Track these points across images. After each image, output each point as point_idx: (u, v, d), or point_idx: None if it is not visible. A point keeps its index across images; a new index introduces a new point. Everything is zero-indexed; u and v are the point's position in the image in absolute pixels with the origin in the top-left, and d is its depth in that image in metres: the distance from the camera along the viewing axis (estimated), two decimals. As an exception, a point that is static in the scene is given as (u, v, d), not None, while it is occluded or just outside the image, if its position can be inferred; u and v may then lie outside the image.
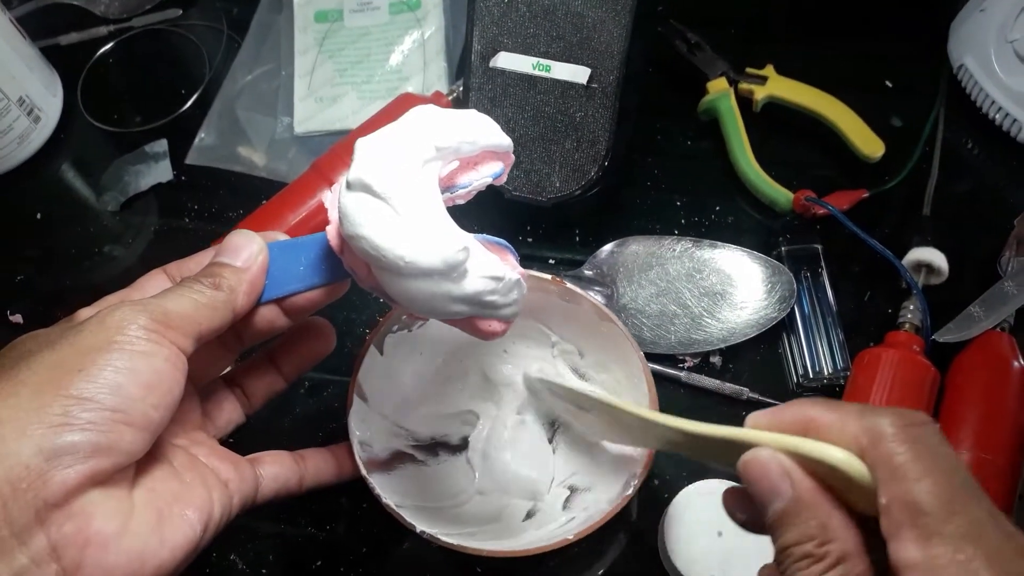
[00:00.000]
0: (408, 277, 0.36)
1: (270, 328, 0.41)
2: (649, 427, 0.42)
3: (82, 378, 0.32)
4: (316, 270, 0.40)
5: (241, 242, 0.39)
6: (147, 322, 0.34)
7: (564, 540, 0.45)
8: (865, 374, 0.56)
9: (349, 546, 0.57)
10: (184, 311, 0.36)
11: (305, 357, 0.47)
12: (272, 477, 0.43)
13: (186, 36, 0.78)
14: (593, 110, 0.59)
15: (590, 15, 0.58)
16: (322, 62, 0.73)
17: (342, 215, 0.36)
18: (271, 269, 0.40)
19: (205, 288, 0.37)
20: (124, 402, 0.32)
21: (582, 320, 0.53)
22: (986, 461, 0.53)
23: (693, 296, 0.61)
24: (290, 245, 0.41)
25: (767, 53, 0.69)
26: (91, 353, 0.32)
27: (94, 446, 0.31)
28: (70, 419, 0.31)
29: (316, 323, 0.46)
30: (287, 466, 0.44)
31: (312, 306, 0.41)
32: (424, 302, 0.37)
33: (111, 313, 0.34)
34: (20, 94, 0.69)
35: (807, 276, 0.62)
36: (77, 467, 0.31)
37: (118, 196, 0.70)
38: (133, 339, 0.33)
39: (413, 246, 0.35)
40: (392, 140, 0.37)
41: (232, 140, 0.72)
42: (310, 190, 0.63)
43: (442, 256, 0.35)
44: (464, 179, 0.40)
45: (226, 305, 0.37)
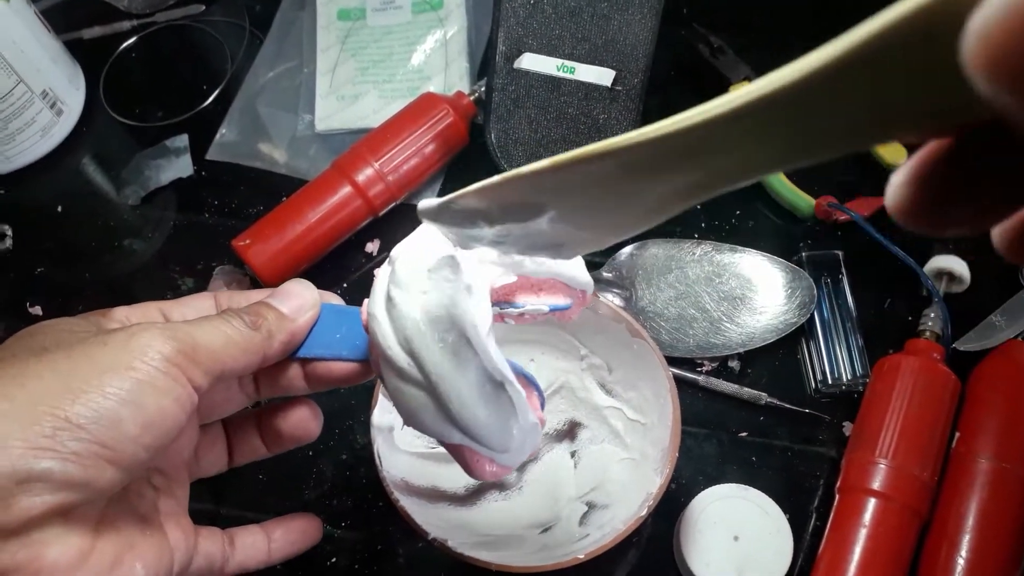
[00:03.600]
0: (407, 382, 0.33)
1: (289, 386, 0.40)
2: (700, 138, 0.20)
3: (83, 401, 0.30)
4: (349, 344, 0.39)
5: (297, 291, 0.38)
6: (172, 353, 0.32)
7: (574, 559, 0.45)
8: (884, 382, 0.56)
9: (363, 544, 0.57)
10: (213, 346, 0.34)
11: (286, 439, 0.43)
12: (204, 555, 0.40)
13: (208, 32, 0.79)
14: (617, 112, 0.59)
15: (616, 17, 0.58)
16: (344, 60, 0.74)
17: (372, 290, 0.34)
18: (313, 328, 0.38)
19: (242, 326, 0.35)
20: (117, 439, 0.31)
21: (613, 335, 0.53)
22: (1006, 471, 0.52)
23: (712, 300, 0.61)
24: (337, 311, 0.40)
25: (790, 57, 0.69)
26: (105, 374, 0.31)
27: (69, 480, 0.30)
28: (55, 444, 0.29)
29: (306, 408, 0.43)
30: (217, 546, 0.41)
31: (332, 380, 0.39)
32: (415, 413, 0.34)
33: (139, 333, 0.32)
34: (44, 87, 0.69)
35: (827, 282, 0.61)
36: (45, 497, 0.29)
37: (138, 190, 0.70)
38: (151, 369, 0.32)
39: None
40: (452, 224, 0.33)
41: (253, 136, 0.72)
42: (331, 188, 0.63)
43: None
44: (521, 299, 0.36)
45: (259, 348, 0.36)
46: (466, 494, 0.54)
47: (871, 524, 0.52)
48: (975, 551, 0.51)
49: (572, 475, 0.56)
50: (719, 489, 0.54)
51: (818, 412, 0.58)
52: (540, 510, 0.55)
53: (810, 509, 0.56)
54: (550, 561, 0.45)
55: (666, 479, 0.47)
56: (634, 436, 0.54)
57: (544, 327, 0.56)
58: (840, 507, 0.54)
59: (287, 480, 0.59)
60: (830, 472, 0.57)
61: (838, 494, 0.54)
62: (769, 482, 0.56)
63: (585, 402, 0.57)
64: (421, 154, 0.65)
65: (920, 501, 0.52)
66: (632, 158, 0.21)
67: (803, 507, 0.56)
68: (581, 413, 0.57)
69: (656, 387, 0.51)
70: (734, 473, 0.57)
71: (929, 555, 0.52)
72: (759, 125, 0.18)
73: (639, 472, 0.52)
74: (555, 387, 0.57)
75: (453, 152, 0.67)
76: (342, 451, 0.60)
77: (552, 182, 0.24)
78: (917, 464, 0.53)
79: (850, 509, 0.53)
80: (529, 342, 0.57)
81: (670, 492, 0.57)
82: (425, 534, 0.46)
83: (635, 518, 0.46)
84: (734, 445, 0.58)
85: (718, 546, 0.52)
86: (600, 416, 0.56)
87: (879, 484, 0.52)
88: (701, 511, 0.53)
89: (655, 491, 0.47)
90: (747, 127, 0.18)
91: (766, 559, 0.52)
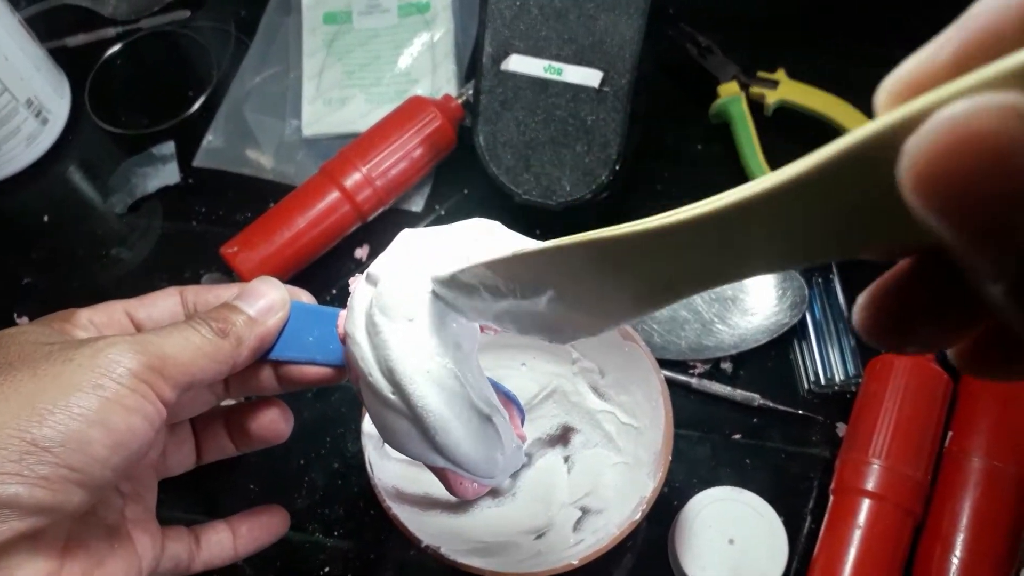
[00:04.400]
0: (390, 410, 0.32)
1: (259, 387, 0.39)
2: (703, 230, 0.20)
3: (51, 423, 0.29)
4: (323, 348, 0.38)
5: (264, 290, 0.37)
6: (139, 368, 0.31)
7: (568, 565, 0.45)
8: (877, 381, 0.56)
9: (356, 553, 0.56)
10: (182, 358, 0.33)
11: (255, 439, 0.42)
12: (171, 557, 0.39)
13: (194, 38, 0.78)
14: (604, 114, 0.59)
15: (602, 18, 0.58)
16: (331, 64, 0.73)
17: (349, 307, 0.33)
18: (284, 329, 0.37)
19: (210, 334, 0.34)
20: (86, 462, 0.30)
21: (605, 338, 0.52)
22: (999, 469, 0.52)
23: (704, 301, 0.60)
24: (310, 311, 0.38)
25: (779, 57, 0.69)
26: (71, 393, 0.30)
27: (37, 505, 0.29)
28: (23, 469, 0.29)
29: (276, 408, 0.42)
30: (184, 546, 0.40)
31: (305, 383, 0.38)
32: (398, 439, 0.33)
33: (106, 349, 0.31)
34: (28, 95, 0.68)
35: (819, 282, 0.61)
36: (13, 523, 0.29)
37: (125, 198, 0.69)
38: (119, 388, 0.31)
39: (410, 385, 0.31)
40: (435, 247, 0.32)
41: (240, 143, 0.71)
42: (319, 194, 0.63)
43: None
44: None
45: (228, 357, 0.35)
46: (459, 501, 0.54)
47: (865, 525, 0.51)
48: (969, 550, 0.50)
49: (565, 480, 0.56)
50: (713, 492, 0.54)
51: (811, 413, 0.58)
52: (534, 516, 0.54)
53: (804, 511, 0.56)
54: (544, 567, 0.45)
55: (659, 483, 0.47)
56: (627, 440, 0.54)
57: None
58: (834, 508, 0.53)
59: (279, 489, 0.59)
60: (824, 473, 0.57)
61: (832, 495, 0.54)
62: (763, 484, 0.56)
63: (578, 406, 0.57)
64: (409, 158, 0.64)
65: (914, 501, 0.52)
66: (618, 249, 0.23)
67: (797, 509, 0.56)
68: (574, 417, 0.57)
69: (648, 391, 0.51)
70: (728, 476, 0.57)
71: (923, 555, 0.52)
72: (728, 232, 0.19)
73: (633, 476, 0.52)
74: (547, 391, 0.57)
75: (441, 156, 0.67)
76: (333, 460, 0.59)
77: (553, 263, 0.26)
78: (911, 464, 0.53)
79: (844, 510, 0.53)
80: (520, 346, 0.57)
81: (664, 496, 0.57)
82: (418, 542, 0.45)
83: (629, 522, 0.46)
84: (727, 447, 0.58)
85: (713, 549, 0.52)
86: (593, 420, 0.56)
87: (873, 484, 0.52)
88: (695, 514, 0.53)
89: (648, 495, 0.47)
90: (714, 233, 0.20)
91: (761, 561, 0.52)
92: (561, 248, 0.25)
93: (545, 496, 0.55)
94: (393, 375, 0.31)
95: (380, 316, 0.32)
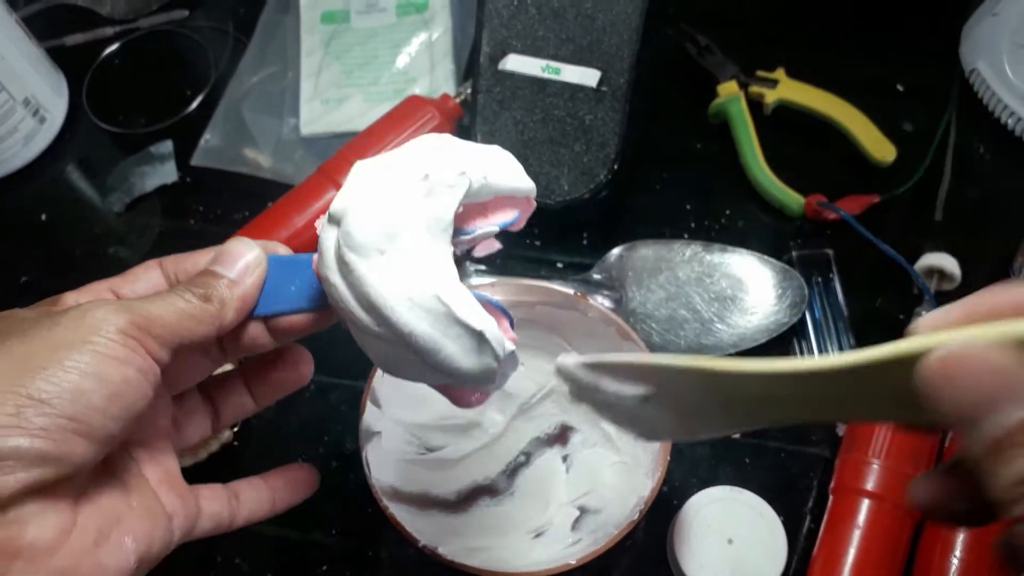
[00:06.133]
0: (381, 341, 0.32)
1: (253, 345, 0.39)
2: (762, 386, 0.28)
3: (44, 377, 0.30)
4: (306, 294, 0.38)
5: (239, 251, 0.37)
6: (127, 326, 0.32)
7: (566, 565, 0.45)
8: (877, 380, 0.56)
9: (354, 551, 0.56)
10: (167, 320, 0.33)
11: (277, 386, 0.44)
12: (209, 514, 0.40)
13: (192, 37, 0.78)
14: (603, 113, 0.59)
15: (600, 17, 0.58)
16: (328, 64, 0.73)
17: (319, 250, 0.33)
18: (265, 284, 0.38)
19: (194, 299, 0.35)
20: (83, 411, 0.30)
21: (603, 338, 0.52)
22: (1000, 469, 0.52)
23: (703, 301, 0.60)
24: (287, 262, 0.39)
25: (778, 56, 0.69)
26: (61, 350, 0.30)
27: (41, 455, 0.29)
28: (21, 422, 0.29)
29: (293, 351, 0.43)
30: (222, 504, 0.41)
31: (297, 331, 0.39)
32: (395, 367, 0.34)
33: (92, 310, 0.32)
34: (25, 95, 0.68)
35: (818, 281, 0.61)
36: (19, 475, 0.29)
37: (123, 197, 0.69)
38: (108, 342, 0.31)
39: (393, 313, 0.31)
40: (391, 172, 0.32)
41: (238, 142, 0.71)
42: (316, 193, 0.62)
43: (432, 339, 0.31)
44: (468, 225, 0.35)
45: (213, 319, 0.35)
46: (457, 500, 0.54)
47: (865, 525, 0.51)
48: (969, 550, 0.50)
49: (564, 480, 0.56)
50: (712, 491, 0.53)
51: (810, 412, 0.58)
52: (532, 515, 0.54)
53: (804, 510, 0.56)
54: (542, 567, 0.45)
55: (658, 482, 0.47)
56: (626, 440, 0.54)
57: (533, 331, 0.55)
58: (834, 508, 0.53)
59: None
60: (823, 473, 0.57)
61: (832, 495, 0.54)
62: (762, 484, 0.55)
63: (576, 406, 0.56)
64: (407, 157, 0.64)
65: (914, 501, 0.52)
66: (726, 380, 0.29)
67: (797, 508, 0.56)
68: (572, 417, 0.57)
69: None
70: (727, 475, 0.57)
71: (923, 555, 0.52)
72: (797, 390, 0.28)
73: (631, 476, 0.52)
74: (545, 391, 0.57)
75: (440, 155, 0.67)
76: (332, 458, 0.59)
77: (666, 377, 0.31)
78: (910, 464, 0.52)
79: (844, 510, 0.52)
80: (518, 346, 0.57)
81: (663, 495, 0.57)
82: (416, 541, 0.45)
83: (627, 522, 0.46)
84: (727, 447, 0.58)
85: (712, 549, 0.52)
86: (592, 419, 0.56)
87: (873, 484, 0.52)
88: (694, 514, 0.53)
89: (647, 495, 0.46)
90: (785, 390, 0.28)
91: (760, 561, 0.51)
92: (678, 369, 0.30)
93: (543, 495, 0.55)
94: (375, 310, 0.31)
95: (351, 254, 0.31)
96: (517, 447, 0.56)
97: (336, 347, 0.46)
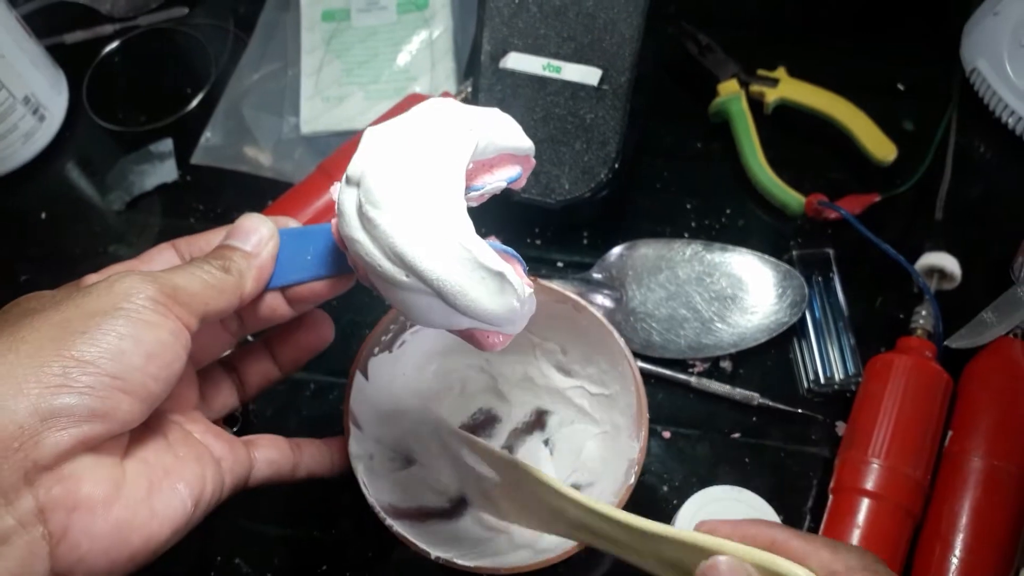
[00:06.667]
0: (408, 291, 0.34)
1: (272, 315, 0.40)
2: (581, 513, 0.40)
3: (84, 340, 0.31)
4: (323, 261, 0.40)
5: (253, 226, 0.39)
6: (155, 293, 0.33)
7: (580, 544, 0.45)
8: (877, 380, 0.56)
9: (354, 550, 0.56)
10: (192, 289, 0.35)
11: (302, 349, 0.46)
12: (267, 461, 0.42)
13: (192, 35, 0.78)
14: (603, 112, 0.59)
15: (601, 16, 0.58)
16: (329, 61, 0.73)
17: (339, 212, 0.35)
18: (279, 256, 0.39)
19: (215, 270, 0.37)
20: (124, 370, 0.32)
21: (560, 316, 0.52)
22: (999, 468, 0.52)
23: (703, 300, 0.60)
24: (300, 233, 0.40)
25: (779, 55, 0.69)
26: (96, 316, 0.32)
27: (90, 411, 0.31)
28: (68, 381, 0.30)
29: (314, 315, 0.45)
30: (283, 452, 0.43)
31: (316, 298, 0.40)
32: (422, 315, 0.35)
33: (120, 280, 0.33)
34: (25, 92, 0.68)
35: (819, 280, 0.61)
36: (71, 430, 0.30)
37: (123, 196, 0.69)
38: (140, 307, 0.33)
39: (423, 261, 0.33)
40: (403, 133, 0.34)
41: (238, 140, 0.71)
42: (317, 191, 0.62)
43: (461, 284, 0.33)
44: (477, 182, 0.37)
45: (234, 289, 0.37)
46: (450, 507, 0.54)
47: (864, 524, 0.51)
48: (969, 550, 0.50)
49: (551, 463, 0.56)
50: (712, 491, 0.53)
51: (810, 412, 0.58)
52: None
53: (804, 510, 0.56)
54: (556, 552, 0.44)
55: (644, 441, 0.47)
56: (601, 410, 0.54)
57: None
58: (833, 507, 0.53)
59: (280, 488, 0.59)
60: (823, 472, 0.57)
61: (831, 494, 0.54)
62: (762, 483, 0.55)
63: (546, 388, 0.56)
64: (408, 156, 0.64)
65: (913, 501, 0.52)
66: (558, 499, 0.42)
67: (797, 508, 0.56)
68: (545, 400, 0.57)
69: (612, 356, 0.51)
70: (727, 475, 0.57)
71: (923, 555, 0.52)
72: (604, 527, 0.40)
73: (616, 443, 0.52)
74: (514, 381, 0.57)
75: (440, 153, 0.67)
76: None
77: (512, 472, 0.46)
78: (910, 463, 0.52)
79: (843, 509, 0.52)
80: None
81: (663, 494, 0.57)
82: (427, 554, 0.45)
83: (625, 487, 0.46)
84: (726, 446, 0.58)
85: (711, 549, 0.52)
86: (564, 398, 0.56)
87: (872, 484, 0.52)
88: (694, 514, 0.53)
89: (637, 456, 0.46)
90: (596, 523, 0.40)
91: (760, 561, 0.51)
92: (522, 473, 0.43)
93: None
94: (403, 259, 0.33)
95: (373, 210, 0.33)
96: (497, 442, 0.57)
97: (336, 347, 0.46)
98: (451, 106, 0.35)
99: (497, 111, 0.36)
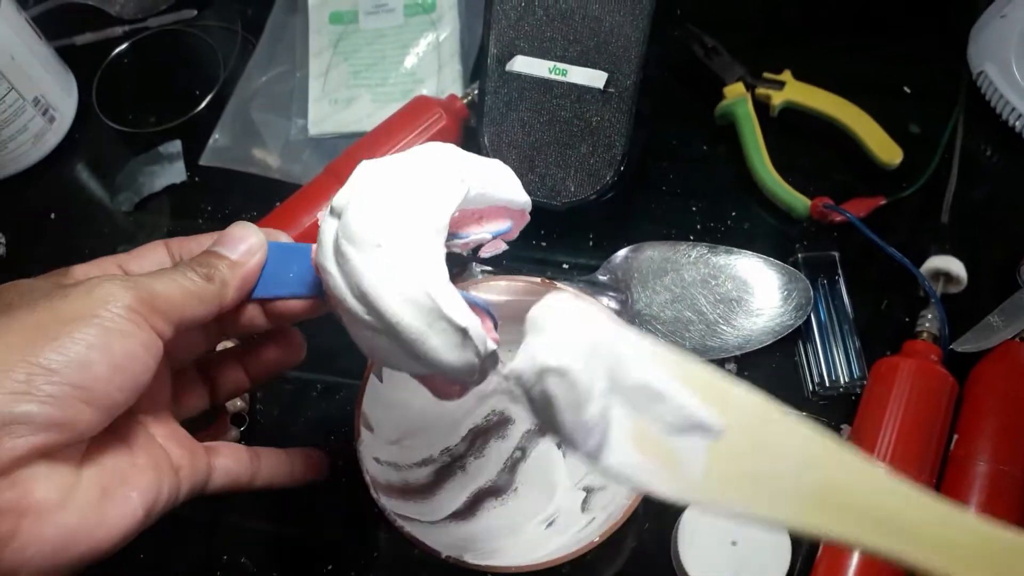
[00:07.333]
0: (369, 330, 0.34)
1: (250, 325, 0.40)
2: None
3: (53, 348, 0.31)
4: (303, 281, 0.40)
5: (242, 235, 0.39)
6: (132, 301, 0.33)
7: (591, 543, 0.45)
8: (882, 384, 0.55)
9: (361, 550, 0.57)
10: (171, 296, 0.35)
11: (272, 364, 0.46)
12: (224, 470, 0.41)
13: (201, 37, 0.78)
14: (609, 114, 0.59)
15: (608, 19, 0.58)
16: (337, 64, 0.73)
17: (319, 240, 0.35)
18: (264, 269, 0.39)
19: (197, 278, 0.37)
20: (89, 380, 0.32)
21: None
22: (1004, 473, 0.52)
23: (708, 302, 0.60)
24: (287, 248, 0.40)
25: (785, 58, 0.69)
26: (69, 323, 0.32)
27: (49, 420, 0.31)
28: (31, 388, 0.30)
29: (288, 333, 0.45)
30: (241, 461, 0.42)
31: (292, 316, 0.40)
32: (383, 355, 0.35)
33: (100, 285, 0.33)
34: (35, 94, 0.69)
35: (824, 283, 0.61)
36: (28, 438, 0.30)
37: (132, 197, 0.70)
38: (115, 316, 0.33)
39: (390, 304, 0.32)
40: (394, 173, 0.34)
41: (246, 141, 0.72)
42: (324, 193, 0.63)
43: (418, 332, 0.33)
44: (464, 230, 0.37)
45: (214, 298, 0.37)
46: (464, 507, 0.54)
47: (869, 527, 0.51)
48: (974, 554, 0.50)
49: (563, 464, 0.56)
50: (716, 493, 0.53)
51: (815, 415, 0.58)
52: (540, 506, 0.54)
53: (808, 512, 0.56)
54: (564, 552, 0.45)
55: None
56: None
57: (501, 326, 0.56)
58: (838, 510, 0.53)
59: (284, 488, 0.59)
60: (828, 475, 0.57)
61: (836, 497, 0.54)
62: (766, 485, 0.55)
63: None
64: (414, 158, 0.64)
65: (918, 504, 0.52)
66: None
67: (801, 510, 0.56)
68: None
69: None
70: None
71: (928, 558, 0.52)
72: None
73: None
74: None
75: (447, 156, 0.67)
76: (337, 457, 0.59)
77: None
78: (915, 467, 0.52)
79: (848, 512, 0.52)
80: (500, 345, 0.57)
81: (667, 496, 0.57)
82: (438, 554, 0.45)
83: None
84: (731, 448, 0.58)
85: (716, 551, 0.52)
86: None
87: (877, 487, 0.52)
88: (698, 516, 0.53)
89: None
90: None
91: (764, 563, 0.51)
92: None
93: (547, 484, 0.55)
94: (366, 299, 0.33)
95: (348, 245, 0.33)
96: (511, 444, 0.57)
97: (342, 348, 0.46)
98: (448, 152, 0.35)
99: (499, 163, 0.36)
